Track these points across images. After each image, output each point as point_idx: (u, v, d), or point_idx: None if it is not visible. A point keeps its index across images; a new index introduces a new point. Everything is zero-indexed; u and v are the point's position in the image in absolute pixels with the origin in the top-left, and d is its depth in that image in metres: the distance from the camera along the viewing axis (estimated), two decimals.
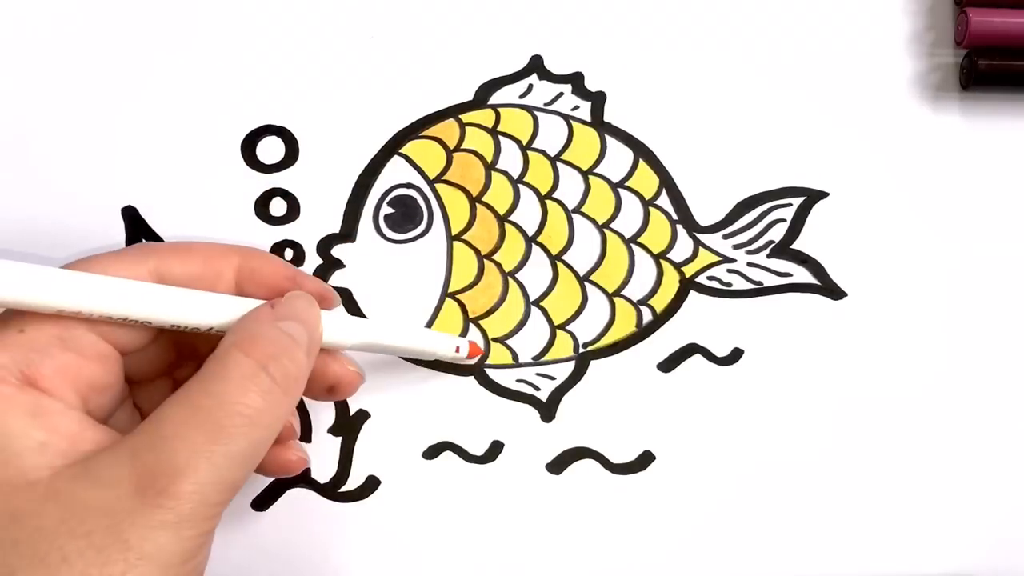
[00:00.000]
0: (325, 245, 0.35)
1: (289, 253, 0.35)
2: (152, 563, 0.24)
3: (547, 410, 0.35)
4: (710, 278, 0.36)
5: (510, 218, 0.36)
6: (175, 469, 0.24)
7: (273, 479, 0.34)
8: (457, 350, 0.33)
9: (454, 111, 0.36)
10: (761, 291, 0.36)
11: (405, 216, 0.35)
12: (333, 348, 0.31)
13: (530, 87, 0.36)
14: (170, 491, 0.24)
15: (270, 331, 0.27)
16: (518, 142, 0.36)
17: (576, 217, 0.36)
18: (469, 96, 0.36)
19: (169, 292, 0.28)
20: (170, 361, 0.31)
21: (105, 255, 0.29)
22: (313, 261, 0.35)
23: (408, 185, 0.36)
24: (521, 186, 0.36)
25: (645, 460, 0.35)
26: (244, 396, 0.26)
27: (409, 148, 0.36)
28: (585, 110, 0.36)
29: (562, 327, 0.35)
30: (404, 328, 0.34)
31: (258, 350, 0.27)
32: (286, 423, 0.30)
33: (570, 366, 0.35)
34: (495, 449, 0.35)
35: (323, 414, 0.34)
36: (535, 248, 0.36)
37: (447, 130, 0.36)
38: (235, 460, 0.26)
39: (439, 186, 0.36)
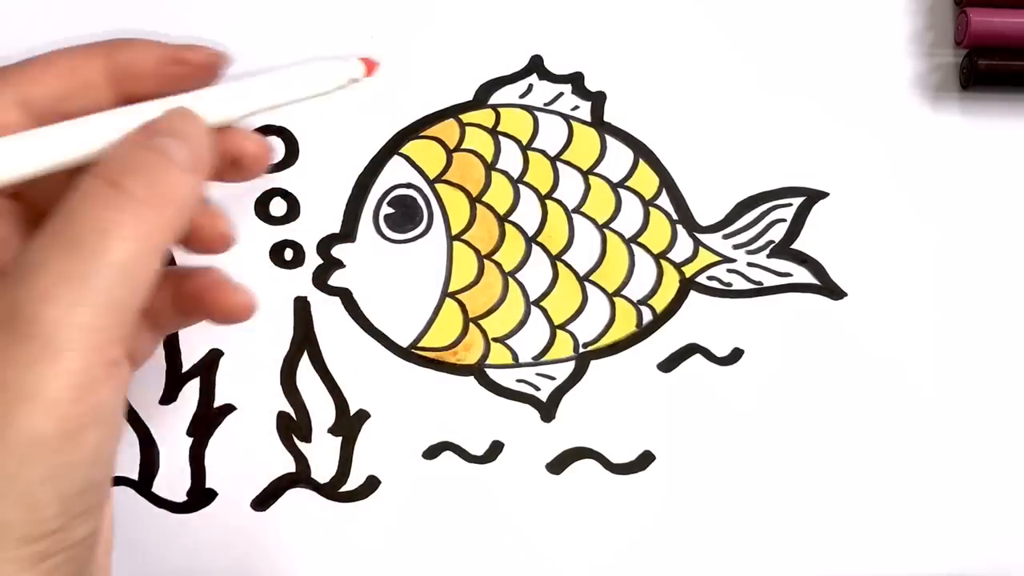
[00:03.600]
0: (325, 245, 0.35)
1: (289, 253, 0.35)
2: (34, 402, 0.22)
3: (547, 410, 0.35)
4: (710, 278, 0.36)
5: (510, 218, 0.36)
6: (39, 295, 0.22)
7: (273, 480, 0.34)
8: (352, 82, 0.30)
9: (454, 111, 0.36)
10: (761, 291, 0.36)
11: (405, 216, 0.35)
12: (226, 125, 0.28)
13: (530, 87, 0.36)
14: (38, 319, 0.22)
15: (130, 149, 0.25)
16: (518, 142, 0.36)
17: (576, 217, 0.36)
18: (469, 96, 0.36)
19: (38, 136, 0.25)
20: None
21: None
22: (313, 261, 0.35)
23: (408, 185, 0.36)
24: (521, 186, 0.36)
25: (645, 460, 0.35)
26: (102, 211, 0.23)
27: (409, 148, 0.36)
28: (585, 110, 0.36)
29: (562, 327, 0.35)
30: (283, 76, 0.29)
31: (113, 167, 0.24)
32: (215, 236, 0.29)
33: (570, 366, 0.35)
34: (495, 449, 0.35)
35: (323, 414, 0.34)
36: (535, 248, 0.36)
37: (447, 130, 0.36)
38: (105, 276, 0.23)
39: (439, 186, 0.36)
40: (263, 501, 0.34)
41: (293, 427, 0.34)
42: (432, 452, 0.34)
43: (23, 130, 0.25)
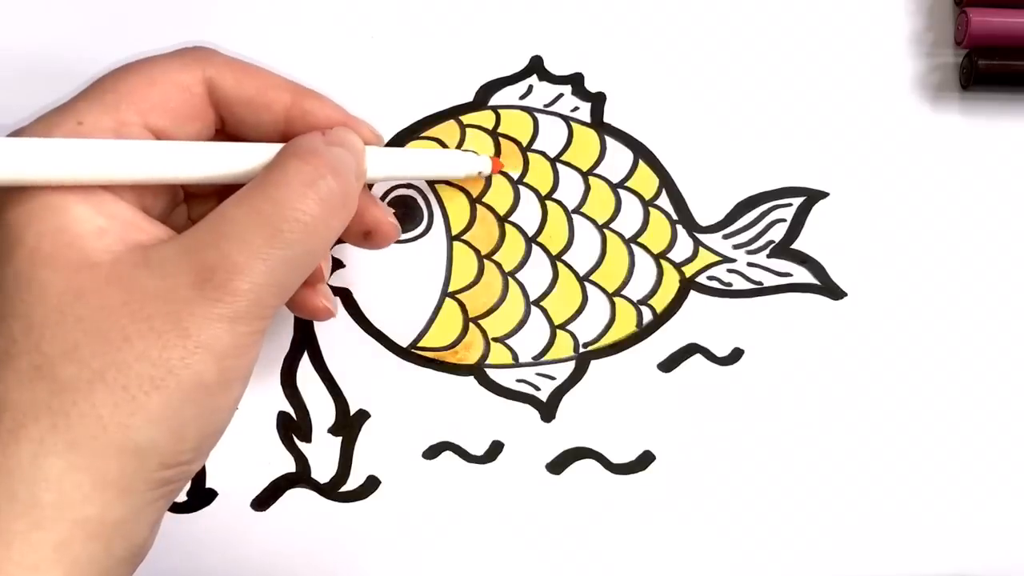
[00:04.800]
0: None
1: None
2: (208, 352, 0.25)
3: (547, 410, 0.35)
4: (710, 278, 0.36)
5: (510, 218, 0.36)
6: (233, 266, 0.25)
7: (273, 480, 0.34)
8: (479, 174, 0.35)
9: (454, 112, 0.36)
10: (761, 291, 0.36)
11: (405, 216, 0.35)
12: (369, 180, 0.32)
13: (530, 88, 0.36)
14: (228, 287, 0.25)
15: (325, 148, 0.28)
16: (518, 143, 0.36)
17: (576, 217, 0.36)
18: (469, 97, 0.36)
19: (207, 149, 0.28)
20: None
21: (164, 57, 0.29)
22: None
23: (408, 185, 0.36)
24: (521, 187, 0.36)
25: (645, 460, 0.35)
26: (302, 202, 0.27)
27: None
28: (585, 111, 0.36)
29: (562, 327, 0.35)
30: (428, 154, 0.35)
31: (317, 160, 0.27)
32: (317, 266, 0.30)
33: (570, 366, 0.35)
34: (495, 449, 0.35)
35: (323, 414, 0.34)
36: (535, 248, 0.36)
37: (447, 131, 0.36)
38: (289, 265, 0.26)
39: (439, 186, 0.36)
40: (263, 501, 0.34)
41: (293, 427, 0.34)
42: (432, 452, 0.34)
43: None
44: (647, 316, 0.35)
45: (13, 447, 0.24)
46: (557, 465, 0.35)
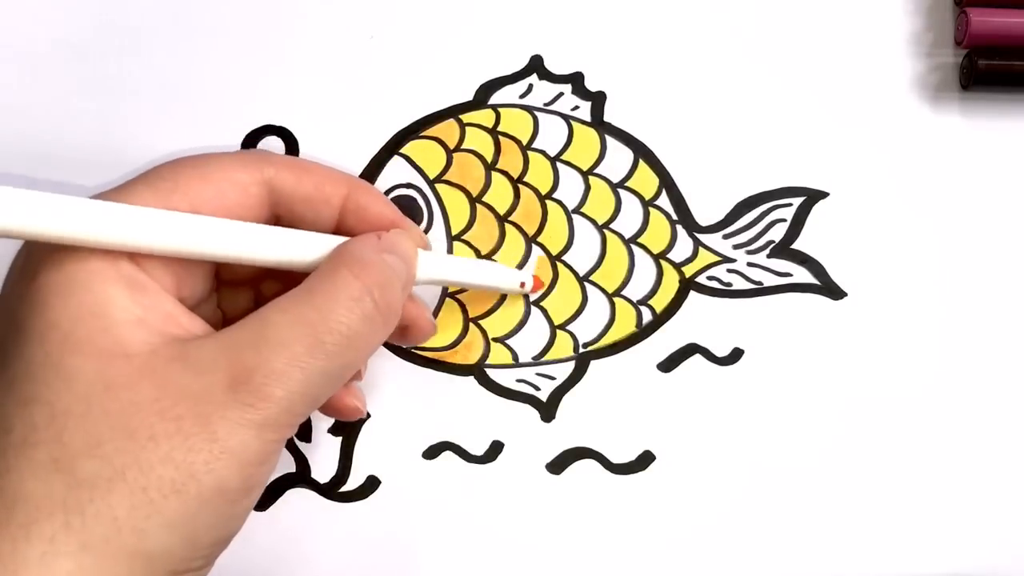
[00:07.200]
0: None
1: None
2: (233, 459, 0.25)
3: (547, 410, 0.35)
4: (710, 278, 0.36)
5: (510, 218, 0.36)
6: (272, 372, 0.25)
7: (273, 480, 0.34)
8: (522, 285, 0.34)
9: (454, 111, 0.36)
10: (761, 291, 0.36)
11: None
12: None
13: (530, 87, 0.36)
14: (263, 392, 0.25)
15: (377, 259, 0.28)
16: (518, 142, 0.36)
17: (576, 217, 0.36)
18: (469, 96, 0.36)
19: (266, 232, 0.28)
20: (258, 273, 0.31)
21: (222, 155, 0.29)
22: None
23: (408, 185, 0.36)
24: (521, 186, 0.36)
25: (645, 460, 0.35)
26: (348, 316, 0.26)
27: (409, 148, 0.36)
28: (585, 110, 0.36)
29: (562, 327, 0.35)
30: (474, 264, 0.34)
31: (366, 275, 0.27)
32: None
33: (570, 366, 0.35)
34: (495, 449, 0.35)
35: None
36: (535, 248, 0.36)
37: (447, 130, 0.36)
38: (325, 377, 0.26)
39: (439, 186, 0.36)
40: (263, 501, 0.34)
41: None
42: (432, 452, 0.34)
43: None
44: (647, 316, 0.35)
45: (23, 544, 0.23)
46: (557, 465, 0.35)
